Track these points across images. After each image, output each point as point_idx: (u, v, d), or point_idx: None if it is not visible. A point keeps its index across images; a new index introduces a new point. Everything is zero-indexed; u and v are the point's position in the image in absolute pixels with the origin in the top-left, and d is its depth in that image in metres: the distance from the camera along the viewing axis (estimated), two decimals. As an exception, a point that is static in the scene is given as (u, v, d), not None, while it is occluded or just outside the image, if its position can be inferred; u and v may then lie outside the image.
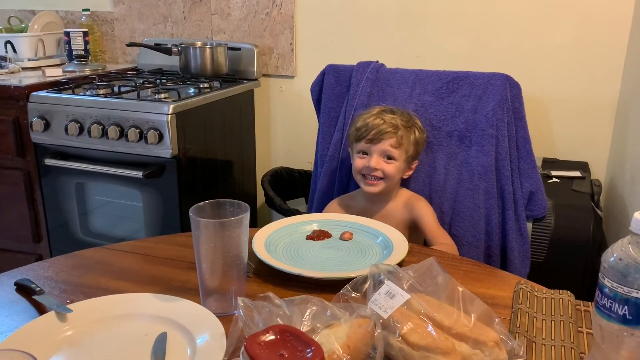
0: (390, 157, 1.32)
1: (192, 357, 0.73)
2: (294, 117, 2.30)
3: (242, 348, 0.50)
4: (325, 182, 1.60)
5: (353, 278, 0.82)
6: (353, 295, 0.81)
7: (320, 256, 1.04)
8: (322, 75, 1.63)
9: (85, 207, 1.94)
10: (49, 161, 1.86)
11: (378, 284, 0.80)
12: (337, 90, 1.60)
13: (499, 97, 1.42)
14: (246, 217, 0.85)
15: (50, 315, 0.80)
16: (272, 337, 0.50)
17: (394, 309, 0.73)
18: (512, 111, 1.43)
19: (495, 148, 1.41)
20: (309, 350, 0.48)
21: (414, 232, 1.38)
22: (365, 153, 1.34)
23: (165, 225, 1.84)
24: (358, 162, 1.34)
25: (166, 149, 1.73)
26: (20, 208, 2.01)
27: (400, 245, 1.04)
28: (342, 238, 1.11)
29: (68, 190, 1.93)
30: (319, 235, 1.12)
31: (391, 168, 1.32)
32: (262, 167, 2.32)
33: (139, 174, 1.74)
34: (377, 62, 1.60)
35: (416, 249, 1.10)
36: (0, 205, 2.03)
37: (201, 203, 0.87)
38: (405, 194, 1.42)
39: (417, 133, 1.36)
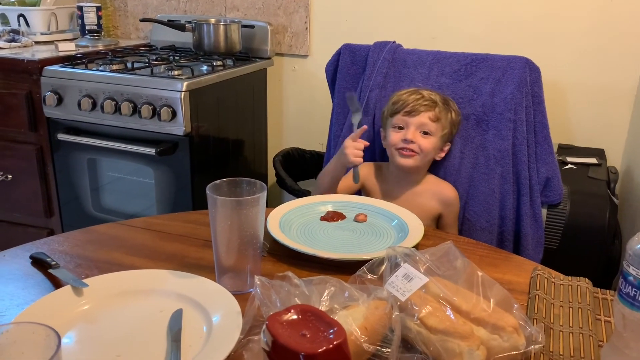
0: (426, 132, 1.30)
1: (208, 334, 0.73)
2: (307, 98, 2.28)
3: (264, 327, 0.49)
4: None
5: (368, 260, 0.81)
6: (369, 277, 0.81)
7: (335, 237, 1.03)
8: (338, 54, 1.61)
9: (97, 182, 1.94)
10: (61, 136, 1.86)
11: (395, 266, 0.79)
12: (352, 70, 1.58)
13: (518, 80, 1.39)
14: (263, 196, 0.84)
15: (67, 289, 0.80)
16: (294, 316, 0.49)
17: (411, 292, 0.72)
18: (530, 95, 1.41)
19: (512, 132, 1.39)
20: (331, 331, 0.47)
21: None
22: (401, 127, 1.32)
23: (177, 203, 1.84)
24: (394, 137, 1.32)
25: (179, 127, 1.72)
26: (32, 182, 2.02)
27: (416, 228, 1.04)
28: (356, 220, 1.11)
29: (80, 166, 1.93)
30: (333, 216, 1.11)
31: (427, 143, 1.30)
32: (274, 148, 2.31)
33: (151, 151, 1.74)
34: (394, 42, 1.58)
35: (431, 233, 1.09)
36: (13, 180, 2.04)
37: (218, 181, 0.86)
38: (433, 180, 1.40)
39: (453, 114, 1.35)
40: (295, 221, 1.09)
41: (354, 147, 1.28)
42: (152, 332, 0.73)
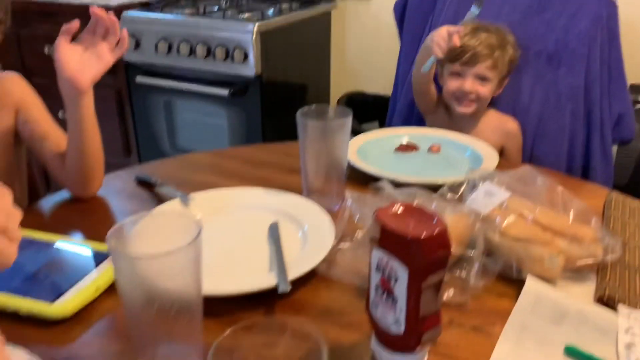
0: (484, 79, 1.32)
1: (303, 239, 0.81)
2: (370, 41, 2.30)
3: (373, 216, 0.56)
4: (406, 103, 1.62)
5: (445, 185, 0.86)
6: (449, 196, 0.86)
7: (411, 166, 1.09)
8: (407, -8, 1.61)
9: (172, 123, 2.05)
10: (139, 79, 1.96)
11: (474, 187, 0.84)
12: (421, 8, 1.59)
13: (593, 15, 1.37)
14: (349, 121, 0.90)
15: (175, 202, 0.90)
16: (399, 210, 0.56)
17: (493, 206, 0.77)
18: (606, 31, 1.39)
19: (585, 68, 1.38)
20: (433, 222, 0.53)
21: None
22: (458, 74, 1.34)
23: (248, 143, 1.93)
24: (451, 84, 1.34)
25: (250, 68, 1.79)
26: (111, 124, 2.15)
27: (490, 157, 1.07)
28: (430, 151, 1.15)
29: (157, 108, 2.04)
30: (407, 147, 1.16)
31: (485, 90, 1.32)
32: (336, 91, 2.35)
33: (224, 92, 1.82)
34: (465, -21, 1.57)
35: (503, 163, 1.13)
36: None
37: (306, 108, 0.92)
38: (494, 115, 1.42)
39: (511, 51, 1.35)
40: (371, 151, 1.14)
41: (439, 34, 1.22)
42: (255, 239, 0.82)
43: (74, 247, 0.79)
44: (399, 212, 0.56)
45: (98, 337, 0.65)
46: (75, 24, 0.85)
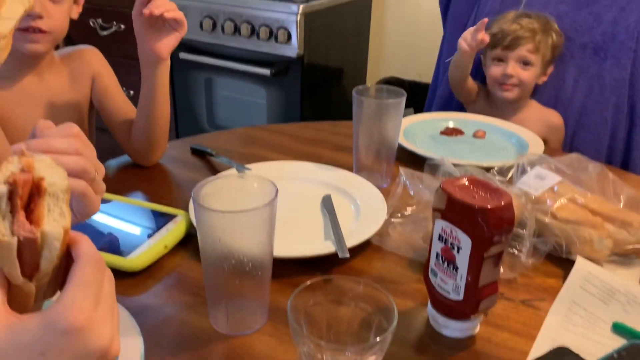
0: (526, 63, 1.33)
1: (356, 212, 0.84)
2: (408, 28, 2.30)
3: (438, 187, 0.59)
4: (448, 90, 1.63)
5: (494, 168, 0.88)
6: (498, 179, 0.89)
7: (457, 149, 1.11)
8: (454, -20, 1.62)
9: (211, 101, 2.09)
10: (183, 55, 2.00)
11: (523, 171, 0.87)
12: (468, -3, 1.60)
13: (644, 9, 1.37)
14: (403, 101, 0.93)
15: (233, 171, 0.94)
16: (465, 182, 0.59)
17: (544, 189, 0.80)
18: (655, 25, 1.39)
19: (632, 62, 1.38)
20: (499, 193, 0.56)
21: None
22: (500, 60, 1.35)
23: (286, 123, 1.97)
24: (493, 70, 1.36)
25: (293, 49, 1.82)
26: (152, 99, 2.20)
27: (536, 144, 1.09)
28: (475, 136, 1.17)
29: (197, 85, 2.08)
30: (453, 131, 1.18)
31: (528, 74, 1.33)
32: (373, 76, 2.37)
33: (266, 71, 1.85)
34: (513, -32, 1.57)
35: (549, 153, 1.14)
36: (135, 95, 2.23)
37: (361, 86, 0.95)
38: (536, 107, 1.43)
39: (554, 37, 1.36)
40: (416, 134, 1.17)
41: (467, 30, 1.30)
42: (308, 209, 0.86)
43: (141, 209, 0.83)
44: (465, 184, 0.59)
45: (167, 289, 0.70)
46: None
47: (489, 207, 0.55)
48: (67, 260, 0.39)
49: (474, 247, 0.57)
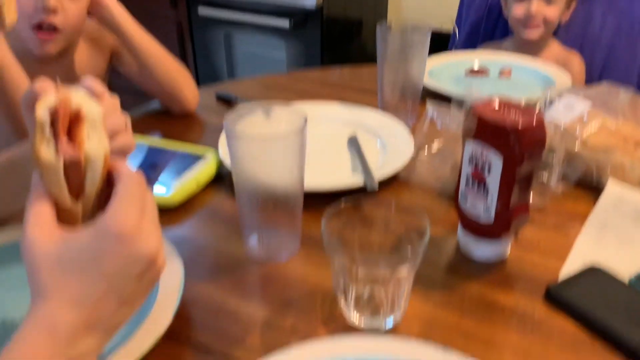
0: (550, 0, 1.29)
1: (382, 149, 0.85)
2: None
3: (468, 110, 0.59)
4: (469, 32, 1.60)
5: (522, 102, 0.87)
6: (526, 112, 0.88)
7: (483, 89, 1.09)
8: None
9: (231, 57, 2.09)
10: (202, 10, 1.99)
11: (551, 104, 0.85)
12: (491, -64, 1.55)
13: (676, -61, 1.32)
14: (428, 36, 0.92)
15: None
16: (496, 104, 0.58)
17: (573, 118, 0.79)
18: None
19: (664, -5, 1.34)
20: (530, 113, 0.56)
21: None
22: None
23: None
24: (517, 10, 1.32)
25: (311, 0, 1.79)
26: (172, 58, 2.20)
27: (562, 79, 1.07)
28: (501, 75, 1.16)
29: (217, 41, 2.08)
30: (478, 72, 1.17)
31: (552, 12, 1.30)
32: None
33: (285, 23, 1.84)
34: None
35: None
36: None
37: (385, 23, 0.94)
38: (556, 47, 1.40)
39: None
40: (440, 75, 1.15)
41: None
42: (335, 147, 0.86)
43: (170, 151, 0.85)
44: (495, 106, 0.59)
45: (202, 222, 0.72)
46: None
47: (520, 126, 0.55)
48: (108, 187, 0.41)
49: (505, 167, 0.57)
